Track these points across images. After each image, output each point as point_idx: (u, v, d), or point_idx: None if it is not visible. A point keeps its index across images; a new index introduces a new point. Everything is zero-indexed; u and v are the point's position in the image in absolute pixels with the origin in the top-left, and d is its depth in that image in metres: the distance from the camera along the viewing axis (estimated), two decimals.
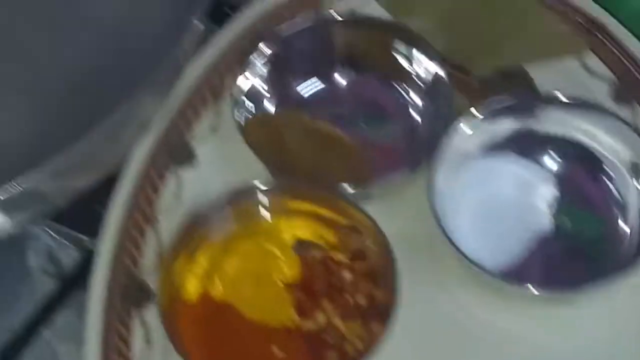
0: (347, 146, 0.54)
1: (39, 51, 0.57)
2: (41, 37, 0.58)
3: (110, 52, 0.55)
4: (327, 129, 0.55)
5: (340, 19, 0.56)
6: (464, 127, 0.52)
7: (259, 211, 0.51)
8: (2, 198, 0.45)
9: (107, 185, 0.52)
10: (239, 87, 0.54)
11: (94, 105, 0.51)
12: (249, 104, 0.55)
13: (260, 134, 0.54)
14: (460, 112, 0.52)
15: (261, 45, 0.55)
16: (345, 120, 0.55)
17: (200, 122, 0.55)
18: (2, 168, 0.50)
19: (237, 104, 0.54)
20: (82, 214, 0.54)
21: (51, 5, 0.59)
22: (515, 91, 0.53)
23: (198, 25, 0.51)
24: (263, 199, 0.51)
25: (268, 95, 0.55)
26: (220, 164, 0.54)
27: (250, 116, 0.55)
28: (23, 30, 0.58)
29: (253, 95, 0.55)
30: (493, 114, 0.52)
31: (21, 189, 0.45)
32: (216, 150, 0.55)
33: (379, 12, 0.58)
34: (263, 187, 0.51)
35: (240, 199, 0.51)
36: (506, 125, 0.52)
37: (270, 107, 0.56)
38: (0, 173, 0.47)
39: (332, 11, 0.57)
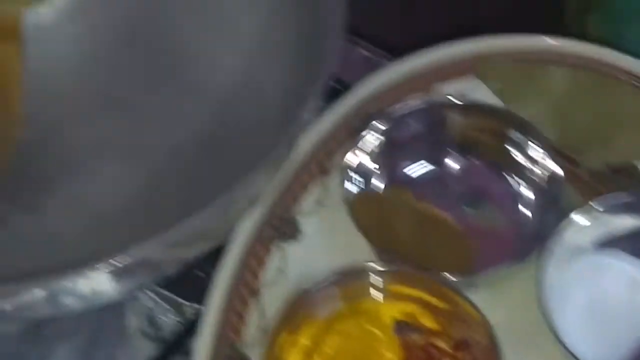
0: (453, 231, 0.54)
1: (147, 116, 0.59)
2: (151, 103, 0.59)
3: (225, 126, 0.56)
4: (433, 212, 0.55)
5: (452, 103, 0.56)
6: (576, 221, 0.51)
7: (363, 292, 0.51)
8: (119, 265, 0.46)
9: (208, 251, 0.53)
10: (347, 164, 0.55)
11: (209, 181, 0.52)
12: (356, 181, 0.55)
13: (366, 212, 0.54)
14: (570, 205, 0.52)
15: (372, 123, 0.56)
16: (452, 205, 0.55)
17: (307, 197, 0.56)
18: (117, 237, 0.51)
19: (345, 180, 0.54)
20: (183, 278, 0.54)
21: (164, 73, 0.60)
22: (631, 188, 0.53)
23: (314, 102, 0.51)
24: (369, 280, 0.51)
25: (376, 173, 0.56)
26: (325, 239, 0.55)
27: (358, 193, 0.55)
28: (135, 96, 0.59)
29: (361, 172, 0.55)
30: (608, 210, 0.52)
31: (135, 258, 0.46)
32: (322, 226, 0.55)
33: (490, 96, 0.58)
34: (369, 269, 0.51)
35: (346, 279, 0.51)
36: (621, 222, 0.52)
37: (377, 185, 0.56)
38: (116, 243, 0.48)
39: (444, 94, 0.57)
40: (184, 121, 0.58)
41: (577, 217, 0.51)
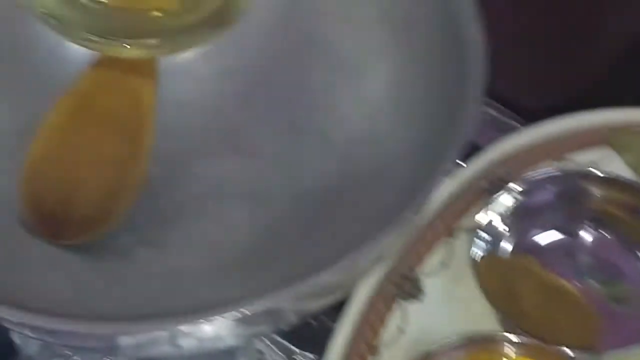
0: (579, 305, 0.53)
1: (272, 162, 0.59)
2: (276, 149, 0.59)
3: (350, 179, 0.56)
4: (559, 283, 0.54)
5: (589, 173, 0.55)
6: None
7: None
8: (247, 314, 0.45)
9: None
10: (476, 225, 0.54)
11: (333, 234, 0.53)
12: (484, 243, 0.54)
13: (491, 275, 0.53)
14: None
15: (506, 185, 0.55)
16: (579, 278, 0.54)
17: (432, 257, 0.55)
18: (237, 281, 0.52)
19: (473, 241, 0.54)
20: (296, 326, 0.54)
21: (290, 119, 0.60)
22: None
23: (448, 165, 0.51)
24: (499, 349, 0.50)
25: (505, 236, 0.55)
26: (447, 301, 0.54)
27: (484, 256, 0.54)
28: (262, 140, 0.60)
29: (490, 234, 0.55)
30: None
31: (262, 307, 0.46)
32: (445, 287, 0.54)
33: (623, 169, 0.57)
34: (501, 338, 0.50)
35: (474, 345, 0.50)
36: None
37: (505, 249, 0.55)
38: (235, 287, 0.50)
39: (580, 164, 0.56)
40: (309, 171, 0.58)
41: None
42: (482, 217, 0.55)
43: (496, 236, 0.55)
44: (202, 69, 0.61)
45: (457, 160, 0.55)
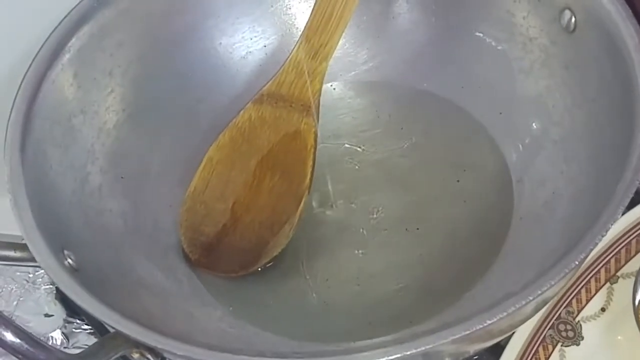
0: None
1: (426, 195, 0.59)
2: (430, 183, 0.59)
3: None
4: None
5: None
6: None
7: None
8: (406, 354, 0.45)
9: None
10: (637, 271, 0.53)
11: (501, 280, 0.52)
12: None
13: None
14: None
15: None
16: None
17: (592, 302, 0.54)
18: (392, 315, 0.53)
19: (633, 288, 0.52)
20: None
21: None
22: None
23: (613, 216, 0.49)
24: None
25: None
26: (607, 345, 0.53)
27: None
28: (416, 176, 0.60)
29: None
30: None
31: (421, 350, 0.45)
32: (604, 332, 0.53)
33: None
34: None
35: None
36: None
37: None
38: (391, 320, 0.51)
39: None
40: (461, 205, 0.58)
41: None
42: None
43: None
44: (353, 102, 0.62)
45: None
